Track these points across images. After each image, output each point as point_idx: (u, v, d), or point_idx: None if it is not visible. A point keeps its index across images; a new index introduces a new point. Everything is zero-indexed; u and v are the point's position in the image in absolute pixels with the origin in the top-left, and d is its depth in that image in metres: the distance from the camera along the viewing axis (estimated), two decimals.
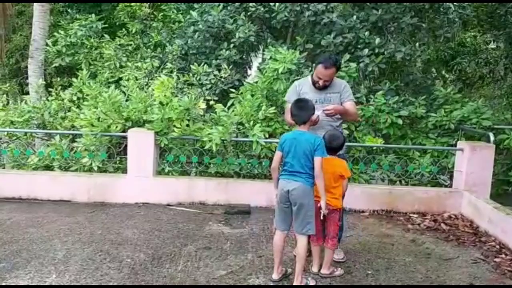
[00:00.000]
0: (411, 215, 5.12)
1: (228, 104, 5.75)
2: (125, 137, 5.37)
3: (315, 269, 3.52)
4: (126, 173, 5.33)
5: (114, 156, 5.56)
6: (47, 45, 7.65)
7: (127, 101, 5.73)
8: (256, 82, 5.90)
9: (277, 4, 6.90)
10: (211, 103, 5.89)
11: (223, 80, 6.65)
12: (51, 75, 8.74)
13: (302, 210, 3.22)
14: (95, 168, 5.35)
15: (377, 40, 6.59)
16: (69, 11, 9.49)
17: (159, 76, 5.93)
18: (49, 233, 4.20)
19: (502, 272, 3.73)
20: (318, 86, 3.82)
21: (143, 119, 5.41)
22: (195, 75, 6.57)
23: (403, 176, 5.58)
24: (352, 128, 5.82)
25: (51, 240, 4.02)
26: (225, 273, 3.50)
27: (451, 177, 5.52)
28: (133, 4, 8.15)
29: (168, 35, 7.92)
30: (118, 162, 5.60)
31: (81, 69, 6.61)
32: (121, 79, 6.78)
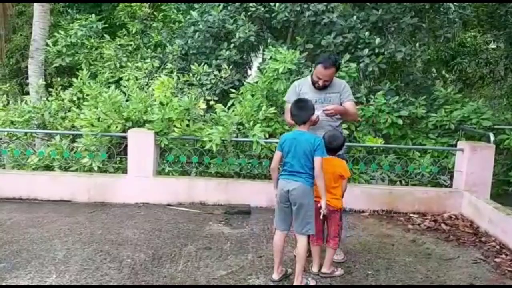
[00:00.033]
0: (411, 215, 5.12)
1: (228, 104, 5.76)
2: (125, 137, 5.37)
3: (315, 269, 3.52)
4: (126, 173, 5.34)
5: (114, 156, 5.56)
6: (47, 45, 7.65)
7: (127, 101, 5.73)
8: (256, 82, 5.90)
9: (277, 4, 6.90)
10: (211, 103, 5.89)
11: (223, 80, 6.65)
12: (51, 75, 8.73)
13: (302, 210, 3.22)
14: (95, 168, 5.35)
15: (377, 40, 6.59)
16: (69, 11, 9.50)
17: (159, 76, 5.94)
18: (49, 233, 4.20)
19: (503, 272, 3.73)
20: (318, 86, 3.82)
21: (143, 119, 5.41)
22: (195, 75, 6.57)
23: (403, 176, 5.58)
24: (352, 128, 5.82)
25: (51, 240, 4.02)
26: (225, 273, 3.50)
27: (451, 177, 5.52)
28: (133, 4, 8.14)
29: (168, 35, 7.92)
30: (118, 162, 5.60)
31: (81, 69, 6.60)
32: (121, 79, 6.77)
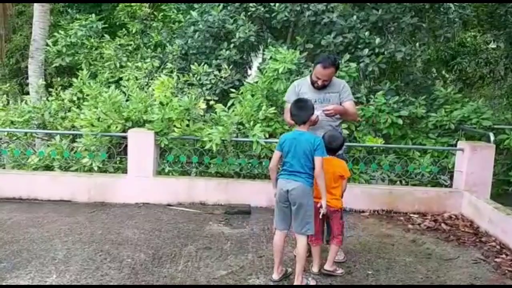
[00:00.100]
0: (411, 215, 5.12)
1: (228, 104, 5.76)
2: (125, 137, 5.37)
3: (315, 269, 3.51)
4: (126, 173, 5.34)
5: (114, 156, 5.56)
6: (47, 45, 7.65)
7: (127, 101, 5.73)
8: (256, 82, 5.90)
9: (277, 4, 6.90)
10: (211, 103, 5.89)
11: (223, 80, 6.65)
12: (51, 75, 8.73)
13: (302, 210, 3.22)
14: (95, 168, 5.35)
15: (377, 40, 6.59)
16: (69, 11, 9.49)
17: (159, 76, 5.94)
18: (49, 233, 4.20)
19: (503, 272, 3.73)
20: (317, 86, 3.82)
21: (143, 119, 5.41)
22: (195, 75, 6.57)
23: (403, 176, 5.58)
24: (352, 128, 5.82)
25: (51, 240, 4.02)
26: (226, 273, 3.50)
27: (451, 177, 5.52)
28: (133, 4, 8.15)
29: (168, 35, 7.92)
30: (118, 162, 5.60)
31: (81, 69, 6.60)
32: (121, 79, 6.78)
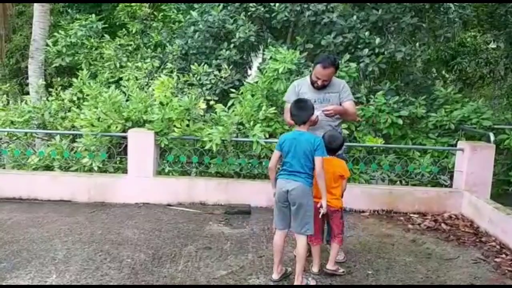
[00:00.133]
0: (411, 215, 5.12)
1: (228, 104, 5.76)
2: (125, 137, 5.37)
3: (315, 269, 3.51)
4: (126, 173, 5.34)
5: (114, 156, 5.56)
6: (47, 45, 7.65)
7: (127, 101, 5.73)
8: (256, 82, 5.90)
9: (277, 4, 6.90)
10: (211, 103, 5.89)
11: (223, 80, 6.65)
12: (51, 75, 8.74)
13: (301, 210, 3.21)
14: (95, 168, 5.35)
15: (377, 40, 6.59)
16: (69, 11, 9.49)
17: (159, 76, 5.94)
18: (49, 233, 4.20)
19: (503, 272, 3.73)
20: (317, 86, 3.81)
21: (143, 119, 5.41)
22: (195, 75, 6.57)
23: (403, 176, 5.58)
24: (352, 128, 5.82)
25: (51, 240, 4.02)
26: (226, 273, 3.50)
27: (451, 177, 5.52)
28: (133, 4, 8.15)
29: (168, 35, 7.92)
30: (118, 162, 5.60)
31: (81, 69, 6.60)
32: (121, 79, 6.78)
